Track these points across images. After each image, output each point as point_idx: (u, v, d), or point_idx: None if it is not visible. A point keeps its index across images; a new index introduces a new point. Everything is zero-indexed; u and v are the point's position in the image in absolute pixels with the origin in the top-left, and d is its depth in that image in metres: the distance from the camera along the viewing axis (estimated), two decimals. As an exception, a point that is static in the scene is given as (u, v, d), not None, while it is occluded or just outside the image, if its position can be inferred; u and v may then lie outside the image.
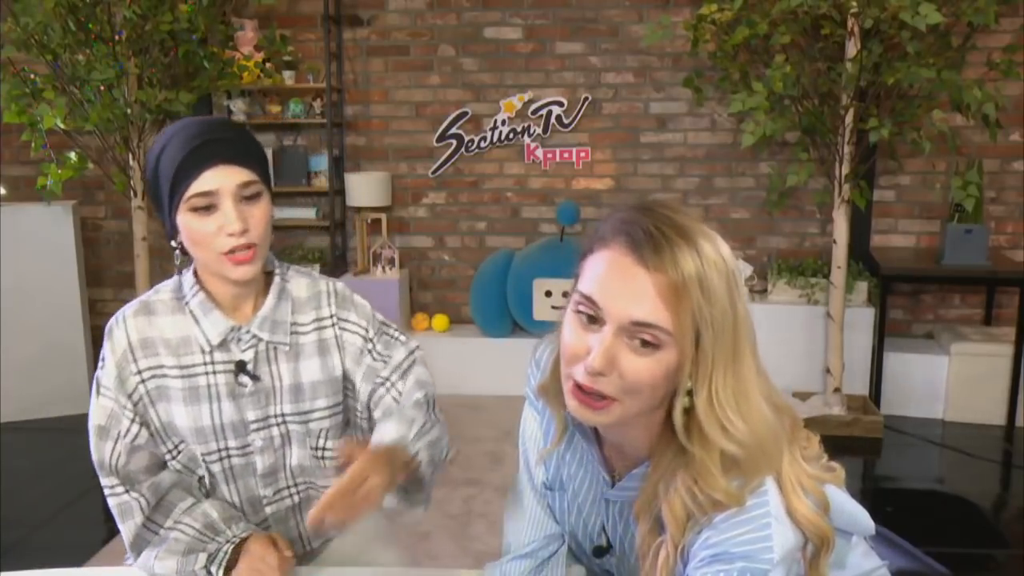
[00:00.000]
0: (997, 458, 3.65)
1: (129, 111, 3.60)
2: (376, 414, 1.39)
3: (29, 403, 4.02)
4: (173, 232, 1.29)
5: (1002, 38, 3.91)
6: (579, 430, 1.10)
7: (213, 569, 1.30)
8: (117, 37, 3.52)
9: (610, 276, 0.92)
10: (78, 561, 2.58)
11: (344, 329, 1.39)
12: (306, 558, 1.51)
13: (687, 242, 0.91)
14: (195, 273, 1.35)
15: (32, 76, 3.53)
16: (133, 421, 1.32)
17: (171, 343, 1.32)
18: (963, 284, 4.32)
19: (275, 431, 1.37)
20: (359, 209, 4.57)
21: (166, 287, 1.38)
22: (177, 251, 1.31)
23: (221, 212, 1.24)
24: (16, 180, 4.61)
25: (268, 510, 1.42)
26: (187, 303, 1.33)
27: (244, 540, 1.33)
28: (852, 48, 3.52)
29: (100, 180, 4.42)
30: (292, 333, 1.36)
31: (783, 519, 0.94)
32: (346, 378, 1.40)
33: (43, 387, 4.05)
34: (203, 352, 1.32)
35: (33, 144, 3.57)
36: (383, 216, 4.59)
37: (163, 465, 1.37)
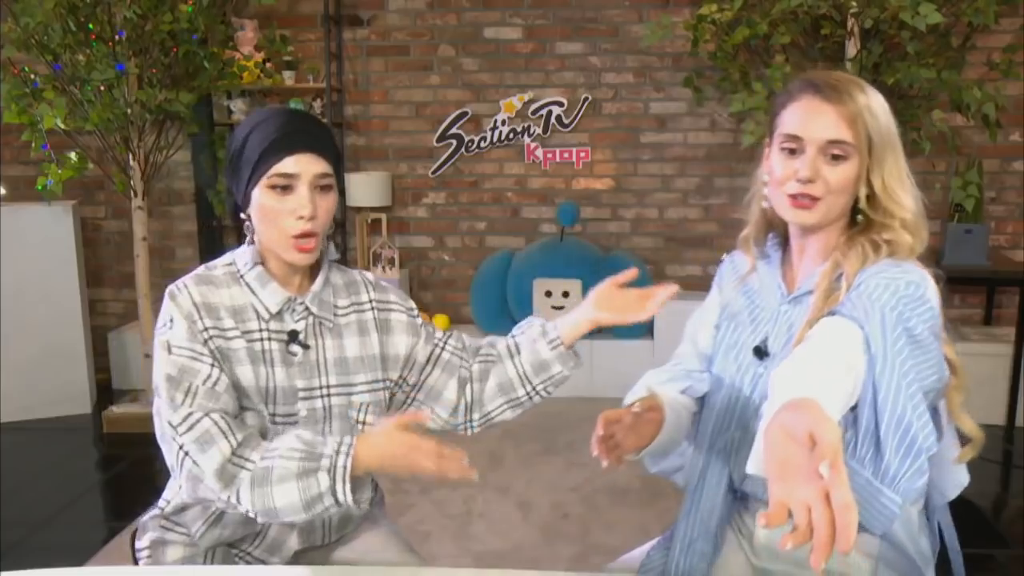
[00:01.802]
0: (997, 458, 3.65)
1: (129, 111, 3.61)
2: (436, 372, 1.53)
3: (29, 403, 4.02)
4: (244, 204, 1.39)
5: (1002, 38, 3.91)
6: (770, 257, 1.45)
7: (339, 491, 1.24)
8: (117, 37, 3.52)
9: (806, 115, 1.30)
10: (78, 561, 2.58)
11: (389, 311, 1.52)
12: (323, 551, 1.53)
13: (854, 84, 1.30)
14: (255, 254, 1.43)
15: (32, 76, 3.53)
16: (213, 366, 1.33)
17: (231, 309, 1.39)
18: (963, 284, 4.31)
19: (319, 403, 1.42)
20: (359, 209, 4.57)
21: (219, 263, 1.44)
22: (248, 222, 1.41)
23: (296, 195, 1.35)
24: (16, 180, 4.61)
25: None
26: (242, 276, 1.41)
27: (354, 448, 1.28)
28: (852, 48, 3.52)
29: (100, 180, 4.42)
30: (334, 314, 1.46)
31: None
32: (391, 356, 1.50)
33: (43, 387, 4.05)
34: (260, 320, 1.40)
35: (33, 144, 3.57)
36: (383, 216, 4.59)
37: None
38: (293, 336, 1.41)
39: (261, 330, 1.40)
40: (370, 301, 1.51)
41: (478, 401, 1.54)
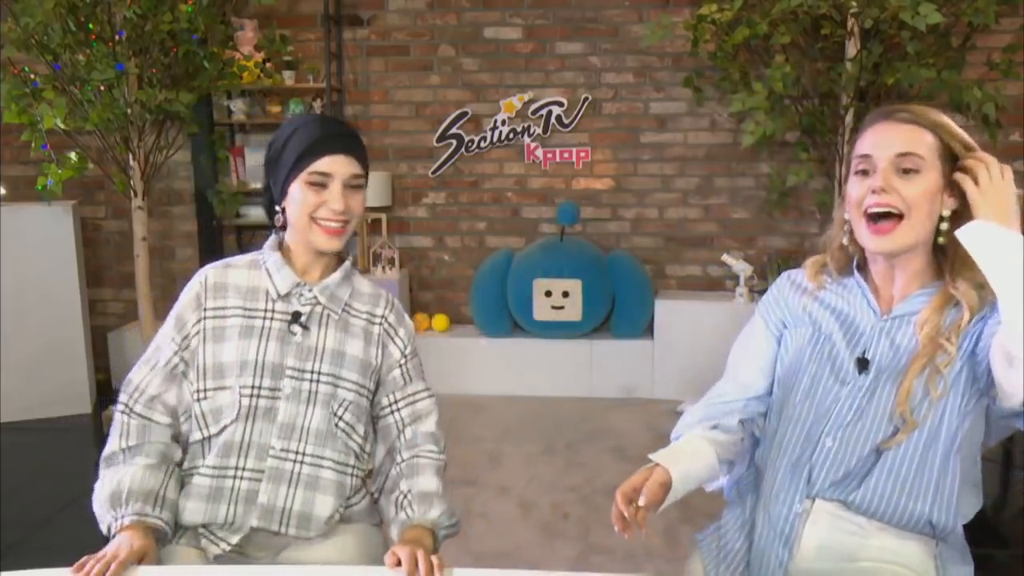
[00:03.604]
0: (997, 458, 3.65)
1: (129, 111, 3.61)
2: (378, 423, 1.61)
3: (29, 403, 4.02)
4: (281, 197, 1.54)
5: (1002, 38, 3.91)
6: (852, 278, 1.45)
7: (109, 518, 1.45)
8: (117, 37, 3.52)
9: (875, 135, 1.34)
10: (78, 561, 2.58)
11: (391, 338, 1.61)
12: (278, 542, 1.51)
13: (925, 106, 1.34)
14: (278, 243, 1.59)
15: (32, 76, 3.53)
16: (176, 353, 1.53)
17: (242, 289, 1.55)
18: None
19: (306, 385, 1.51)
20: (359, 209, 4.56)
21: (247, 255, 1.61)
22: (280, 214, 1.55)
23: (329, 191, 1.50)
24: (16, 180, 4.62)
25: (270, 462, 1.48)
26: (264, 262, 1.57)
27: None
28: (852, 48, 3.52)
29: (100, 180, 4.43)
30: (344, 310, 1.57)
31: None
32: (377, 370, 1.59)
33: (43, 387, 4.05)
34: (268, 300, 1.54)
35: (33, 144, 3.57)
36: (383, 216, 4.59)
37: (176, 421, 1.54)
38: (296, 317, 1.53)
39: (267, 310, 1.53)
40: (383, 317, 1.61)
41: (384, 490, 1.60)
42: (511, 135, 4.56)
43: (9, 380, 3.97)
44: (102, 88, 3.55)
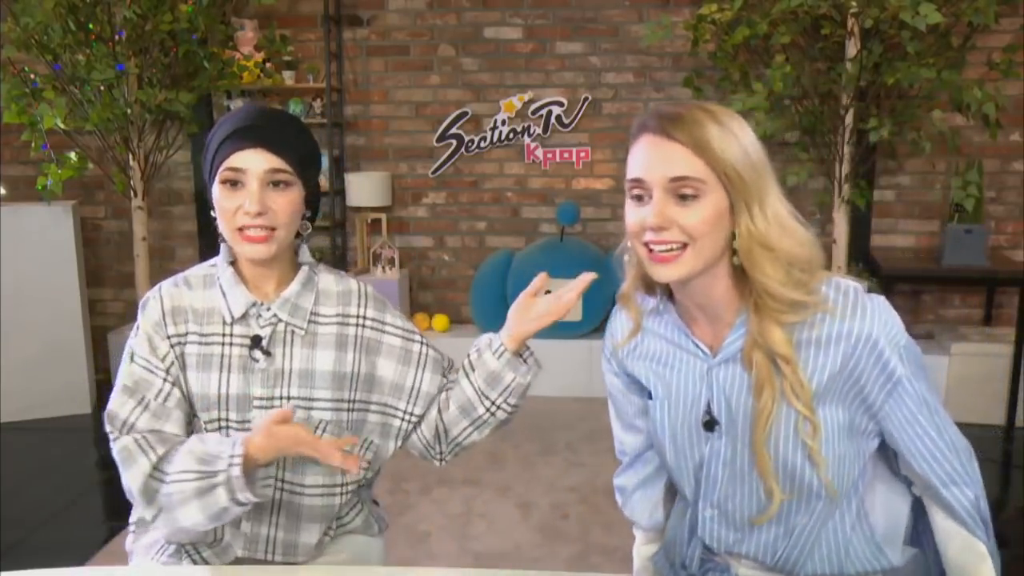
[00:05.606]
0: (997, 458, 3.65)
1: (129, 111, 3.61)
2: (450, 403, 1.47)
3: (29, 403, 4.02)
4: (212, 202, 1.38)
5: (1002, 38, 3.90)
6: (668, 314, 1.26)
7: (241, 498, 1.26)
8: (117, 37, 3.53)
9: (645, 154, 1.13)
10: (78, 561, 2.57)
11: (381, 332, 1.46)
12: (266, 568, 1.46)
13: (701, 111, 1.12)
14: (230, 254, 1.43)
15: (32, 76, 3.54)
16: (166, 381, 1.38)
17: (198, 312, 1.40)
18: (963, 284, 4.32)
19: None
20: (359, 209, 4.57)
21: (204, 265, 1.46)
22: (215, 221, 1.40)
23: (246, 191, 1.32)
24: (16, 180, 4.61)
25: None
26: (218, 278, 1.41)
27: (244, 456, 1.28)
28: (852, 48, 3.52)
29: (100, 180, 4.42)
30: (311, 321, 1.42)
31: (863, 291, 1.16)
32: (368, 377, 1.45)
33: (43, 387, 4.05)
34: (224, 324, 1.39)
35: (33, 144, 3.57)
36: (383, 216, 4.59)
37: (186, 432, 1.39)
38: (256, 342, 1.38)
39: (224, 334, 1.39)
40: (359, 317, 1.45)
41: (445, 430, 1.48)
42: (511, 135, 4.56)
43: (9, 380, 3.97)
44: (102, 88, 3.55)
